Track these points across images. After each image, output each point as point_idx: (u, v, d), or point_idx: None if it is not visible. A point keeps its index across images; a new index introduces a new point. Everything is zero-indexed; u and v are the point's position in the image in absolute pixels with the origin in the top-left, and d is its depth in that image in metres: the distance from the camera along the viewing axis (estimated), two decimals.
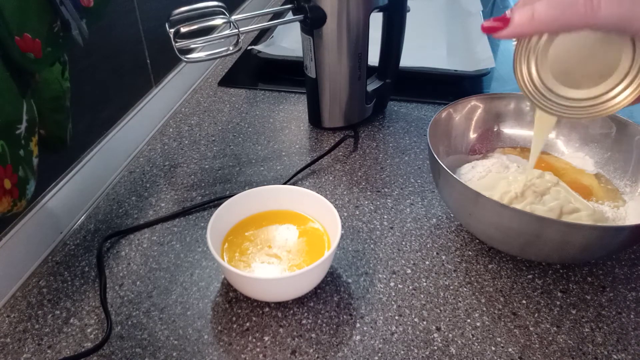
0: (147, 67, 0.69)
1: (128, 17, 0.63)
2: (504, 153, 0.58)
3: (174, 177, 0.62)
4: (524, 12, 0.33)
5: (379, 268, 0.49)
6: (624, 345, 0.42)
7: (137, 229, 0.54)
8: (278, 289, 0.44)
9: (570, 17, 0.31)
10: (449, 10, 1.05)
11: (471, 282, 0.48)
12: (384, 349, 0.42)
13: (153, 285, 0.48)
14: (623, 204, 0.51)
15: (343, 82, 0.65)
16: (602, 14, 0.30)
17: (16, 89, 0.39)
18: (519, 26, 0.34)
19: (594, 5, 0.30)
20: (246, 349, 0.42)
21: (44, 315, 0.45)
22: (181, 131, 0.71)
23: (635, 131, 0.52)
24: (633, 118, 0.53)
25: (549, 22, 0.32)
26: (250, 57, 0.86)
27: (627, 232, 0.41)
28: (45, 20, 0.42)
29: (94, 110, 0.58)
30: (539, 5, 0.32)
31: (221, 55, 0.55)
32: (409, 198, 0.58)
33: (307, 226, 0.49)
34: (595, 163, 0.55)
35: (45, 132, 0.47)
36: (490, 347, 0.42)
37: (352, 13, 0.60)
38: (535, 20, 0.33)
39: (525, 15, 0.33)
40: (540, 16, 0.32)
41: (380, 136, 0.69)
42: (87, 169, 0.57)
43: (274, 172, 0.62)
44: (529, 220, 0.41)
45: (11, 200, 0.40)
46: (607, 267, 0.49)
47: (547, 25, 0.33)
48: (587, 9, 0.30)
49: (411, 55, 0.75)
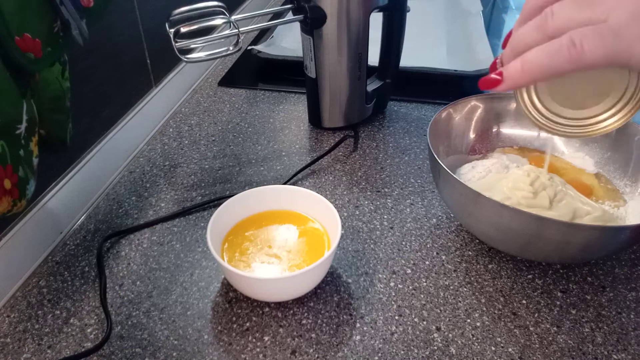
0: (147, 67, 0.69)
1: (128, 17, 0.63)
2: (503, 153, 0.58)
3: (174, 177, 0.62)
4: (514, 66, 0.33)
5: (379, 268, 0.49)
6: (624, 345, 0.42)
7: (137, 229, 0.54)
8: (278, 289, 0.44)
9: (559, 63, 0.31)
10: (449, 10, 1.05)
11: (471, 282, 0.48)
12: (384, 349, 0.42)
13: (153, 285, 0.48)
14: (623, 203, 0.51)
15: (343, 82, 0.65)
16: (587, 58, 0.30)
17: (16, 89, 0.39)
18: (512, 79, 0.34)
19: (577, 49, 0.30)
20: (246, 349, 0.42)
21: (44, 315, 0.45)
22: (181, 131, 0.71)
23: (635, 131, 0.52)
24: (633, 118, 0.53)
25: (538, 72, 0.32)
26: (250, 57, 0.86)
27: (627, 232, 0.41)
28: (45, 20, 0.42)
29: (94, 110, 0.58)
30: (527, 57, 0.32)
31: (221, 55, 0.55)
32: (409, 198, 0.58)
33: (307, 226, 0.49)
34: (595, 163, 0.55)
35: (45, 132, 0.47)
36: (490, 347, 0.42)
37: (352, 13, 0.60)
38: (525, 72, 0.33)
39: (515, 69, 0.33)
40: (529, 67, 0.33)
41: (380, 136, 0.69)
42: (87, 169, 0.57)
43: (274, 172, 0.62)
44: (529, 220, 0.41)
45: (11, 200, 0.40)
46: (607, 267, 0.49)
47: (537, 74, 0.33)
48: (572, 55, 0.30)
49: (411, 55, 0.75)
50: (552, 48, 0.31)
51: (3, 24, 0.37)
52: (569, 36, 0.30)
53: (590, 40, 0.30)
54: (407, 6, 0.65)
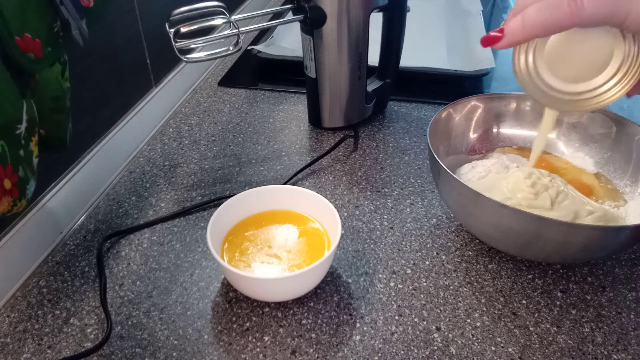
0: (147, 67, 0.69)
1: (128, 17, 0.63)
2: (503, 153, 0.58)
3: (174, 177, 0.62)
4: (515, 21, 0.35)
5: (379, 268, 0.49)
6: (624, 345, 0.42)
7: (137, 229, 0.54)
8: (278, 289, 0.44)
9: (558, 18, 0.33)
10: (449, 10, 1.05)
11: (471, 282, 0.48)
12: (384, 349, 0.42)
13: (153, 285, 0.48)
14: (624, 203, 0.51)
15: (343, 82, 0.65)
16: (586, 12, 0.31)
17: (16, 89, 0.39)
18: (512, 35, 0.35)
19: (577, 4, 0.31)
20: (246, 349, 0.42)
21: (44, 315, 0.45)
22: (181, 131, 0.71)
23: (635, 131, 0.52)
24: (633, 118, 0.53)
25: (538, 26, 0.34)
26: (250, 57, 0.86)
27: (627, 232, 0.41)
28: (45, 20, 0.42)
29: (94, 110, 0.58)
30: (528, 12, 0.34)
31: (221, 55, 0.55)
32: (409, 198, 0.58)
33: (307, 226, 0.49)
34: (595, 163, 0.55)
35: (45, 132, 0.47)
36: (490, 347, 0.42)
37: (352, 13, 0.60)
38: (526, 27, 0.34)
39: (516, 24, 0.35)
40: (530, 22, 0.34)
41: (380, 136, 0.69)
42: (87, 169, 0.57)
43: (274, 172, 0.62)
44: (529, 220, 0.41)
45: (11, 200, 0.40)
46: (607, 267, 0.49)
47: (537, 29, 0.34)
48: (572, 9, 0.32)
49: (411, 55, 0.75)
50: (553, 3, 0.33)
51: (3, 24, 0.37)
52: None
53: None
54: (407, 6, 0.65)
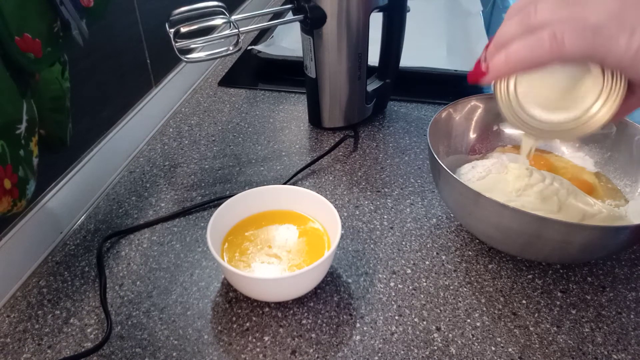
0: (147, 67, 0.69)
1: (128, 17, 0.63)
2: (503, 152, 0.58)
3: (174, 177, 0.62)
4: (499, 58, 0.36)
5: (379, 268, 0.49)
6: (624, 345, 0.42)
7: (137, 229, 0.54)
8: (278, 289, 0.44)
9: (540, 54, 0.33)
10: (449, 10, 1.05)
11: (471, 282, 0.48)
12: (384, 349, 0.42)
13: (153, 285, 0.48)
14: (624, 203, 0.51)
15: (343, 82, 0.65)
16: (567, 50, 0.32)
17: (16, 89, 0.40)
18: (497, 70, 0.36)
19: (558, 41, 0.32)
20: (246, 349, 0.42)
21: (44, 315, 0.45)
22: (181, 131, 0.71)
23: (635, 131, 0.52)
24: (633, 118, 0.53)
25: (521, 62, 0.35)
26: (250, 57, 0.86)
27: (627, 232, 0.41)
28: (45, 20, 0.42)
29: (94, 110, 0.58)
30: (511, 48, 0.35)
31: (221, 55, 0.55)
32: (409, 198, 0.58)
33: (307, 226, 0.49)
34: (595, 163, 0.56)
35: (45, 132, 0.47)
36: (490, 347, 0.42)
37: (352, 13, 0.60)
38: (509, 63, 0.35)
39: (500, 60, 0.36)
40: (513, 58, 0.35)
41: (380, 136, 0.69)
42: (87, 169, 0.57)
43: (274, 172, 0.62)
44: (529, 220, 0.41)
45: (11, 200, 0.40)
46: (607, 267, 0.49)
47: (520, 64, 0.35)
48: (552, 46, 0.32)
49: (411, 55, 0.75)
50: (534, 40, 0.33)
51: (3, 24, 0.38)
52: (551, 29, 0.32)
53: (571, 35, 0.32)
54: (407, 6, 0.65)
